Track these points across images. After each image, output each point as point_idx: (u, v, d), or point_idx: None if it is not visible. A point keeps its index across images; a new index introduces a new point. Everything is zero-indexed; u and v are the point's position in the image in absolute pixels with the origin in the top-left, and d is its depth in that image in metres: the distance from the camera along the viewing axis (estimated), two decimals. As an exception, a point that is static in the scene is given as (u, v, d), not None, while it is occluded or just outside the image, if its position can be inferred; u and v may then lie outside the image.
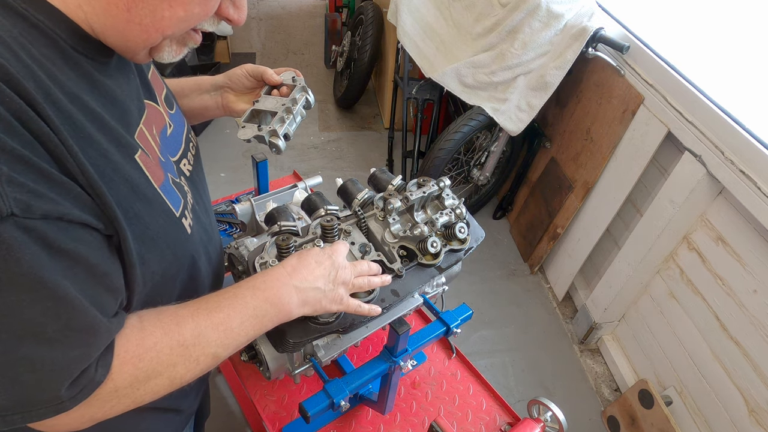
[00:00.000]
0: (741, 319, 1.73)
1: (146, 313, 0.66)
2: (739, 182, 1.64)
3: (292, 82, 1.00)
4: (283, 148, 0.93)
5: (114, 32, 0.60)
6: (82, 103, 0.57)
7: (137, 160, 0.64)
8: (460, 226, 1.04)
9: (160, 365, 0.63)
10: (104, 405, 0.61)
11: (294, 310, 0.77)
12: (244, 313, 0.71)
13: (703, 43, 2.13)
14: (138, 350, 0.62)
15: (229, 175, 3.15)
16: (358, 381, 1.00)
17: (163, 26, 0.60)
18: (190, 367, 0.66)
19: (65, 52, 0.57)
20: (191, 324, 0.66)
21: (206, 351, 0.67)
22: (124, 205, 0.59)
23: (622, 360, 2.30)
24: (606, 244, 2.40)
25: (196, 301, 0.70)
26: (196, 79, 1.04)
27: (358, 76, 3.48)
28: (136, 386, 0.62)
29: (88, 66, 0.60)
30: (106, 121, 0.60)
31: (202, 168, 0.93)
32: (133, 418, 0.80)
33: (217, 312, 0.69)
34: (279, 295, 0.75)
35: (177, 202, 0.72)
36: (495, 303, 2.60)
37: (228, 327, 0.69)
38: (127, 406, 0.64)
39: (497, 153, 2.65)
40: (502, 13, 2.39)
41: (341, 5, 4.48)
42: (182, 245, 0.72)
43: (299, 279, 0.78)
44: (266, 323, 0.75)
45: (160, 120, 0.78)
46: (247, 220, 1.28)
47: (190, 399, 0.94)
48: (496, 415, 1.24)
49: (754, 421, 1.68)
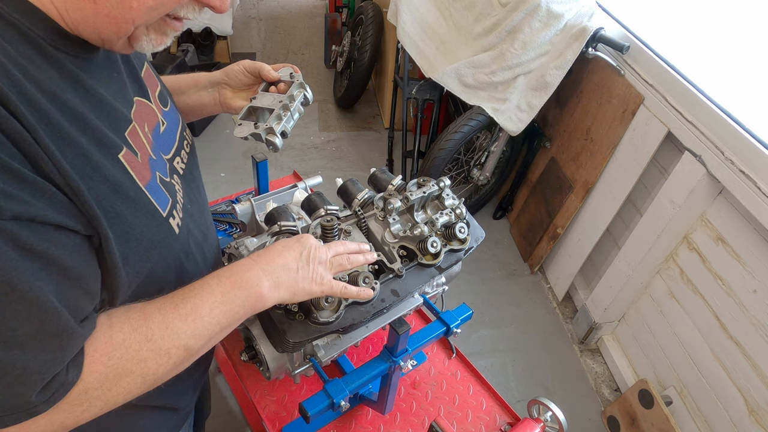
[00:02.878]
0: (741, 319, 1.73)
1: (115, 311, 0.64)
2: (739, 182, 1.64)
3: (289, 78, 0.98)
4: (280, 146, 0.91)
5: (86, 25, 0.59)
6: (62, 102, 0.56)
7: (121, 160, 0.63)
8: (460, 226, 1.04)
9: (130, 362, 0.62)
10: (75, 409, 0.59)
11: (266, 293, 0.75)
12: (212, 300, 0.70)
13: (704, 43, 2.13)
14: (107, 348, 0.60)
15: (229, 175, 3.15)
16: (358, 381, 1.00)
17: (132, 16, 0.59)
18: (162, 361, 0.65)
19: (45, 50, 0.57)
20: (158, 317, 0.65)
21: (176, 343, 0.65)
22: (104, 205, 0.59)
23: (622, 360, 2.30)
24: (606, 244, 2.40)
25: (165, 296, 0.69)
26: (193, 75, 1.03)
27: (358, 76, 3.48)
28: (107, 386, 0.61)
29: (70, 64, 0.59)
30: (88, 120, 0.59)
31: (197, 166, 0.92)
32: (130, 416, 0.80)
33: (184, 303, 0.68)
34: (245, 278, 0.73)
35: (164, 201, 0.71)
36: (495, 303, 2.60)
37: (197, 316, 0.68)
38: (99, 410, 0.62)
39: (497, 153, 2.66)
40: (502, 13, 2.39)
41: (341, 5, 4.48)
42: (169, 245, 0.71)
43: (266, 262, 0.77)
44: (237, 309, 0.72)
45: (153, 117, 0.77)
46: (247, 220, 1.28)
47: (188, 397, 0.93)
48: (496, 415, 1.24)
49: (754, 421, 1.68)
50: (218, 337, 0.72)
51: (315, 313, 0.87)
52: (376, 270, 1.00)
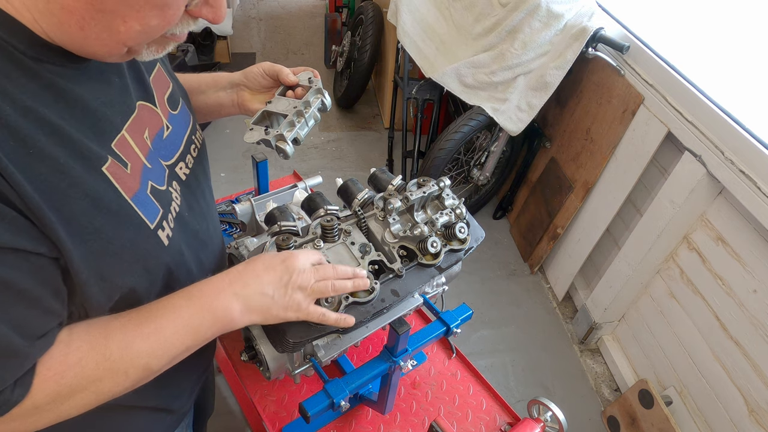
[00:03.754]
0: (741, 319, 1.73)
1: (76, 326, 0.64)
2: (739, 182, 1.64)
3: (308, 83, 0.95)
4: (291, 154, 0.88)
5: (75, 46, 0.58)
6: (37, 116, 0.54)
7: (105, 172, 0.61)
8: (460, 226, 1.04)
9: (84, 380, 0.62)
10: (25, 421, 0.60)
11: (237, 317, 0.73)
12: (178, 323, 0.68)
13: (704, 42, 2.13)
14: (61, 367, 0.60)
15: (229, 175, 3.15)
16: (358, 381, 1.00)
17: (122, 39, 0.57)
18: (119, 381, 0.64)
19: (22, 63, 0.54)
20: (119, 336, 0.64)
21: (136, 363, 0.65)
22: (82, 221, 0.57)
23: (622, 360, 2.30)
24: (606, 244, 2.40)
25: (131, 311, 0.67)
26: (213, 75, 1.03)
27: (358, 76, 3.48)
28: (58, 402, 0.61)
29: (50, 76, 0.57)
30: (67, 133, 0.57)
31: (204, 170, 0.90)
32: (121, 416, 0.79)
33: (149, 323, 0.66)
34: (215, 304, 0.71)
35: (154, 212, 0.69)
36: (495, 303, 2.60)
37: (159, 337, 0.66)
38: (51, 420, 0.62)
39: (497, 153, 2.66)
40: (502, 13, 2.39)
41: (341, 5, 4.48)
42: (156, 257, 0.69)
43: (240, 285, 0.74)
44: (204, 331, 0.71)
45: (156, 122, 0.75)
46: (247, 220, 1.28)
47: (183, 399, 0.92)
48: (496, 415, 1.24)
49: (754, 421, 1.68)
50: (182, 356, 0.71)
51: (315, 313, 0.87)
52: (376, 270, 1.00)
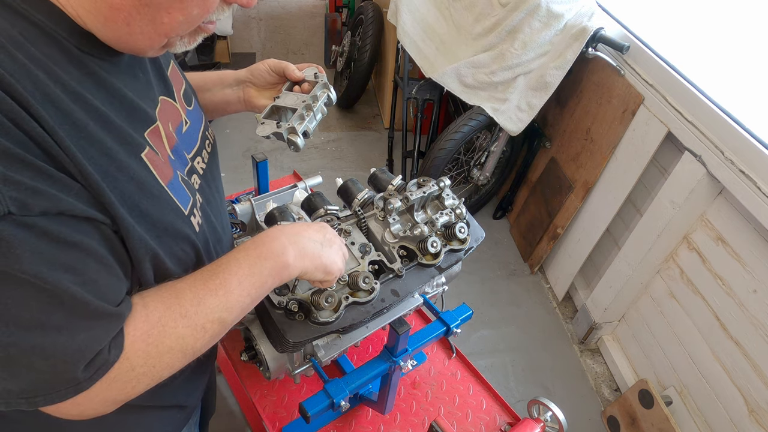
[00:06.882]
0: (741, 319, 1.73)
1: (146, 292, 0.67)
2: (739, 182, 1.64)
3: (314, 78, 0.99)
4: (301, 146, 0.92)
5: (119, 42, 0.61)
6: (86, 102, 0.57)
7: (144, 159, 0.64)
8: (460, 226, 1.04)
9: (169, 338, 0.64)
10: (125, 386, 0.62)
11: (292, 261, 0.76)
12: (240, 273, 0.71)
13: (704, 42, 2.13)
14: (145, 326, 0.63)
15: (229, 175, 3.15)
16: (358, 381, 1.00)
17: (165, 31, 0.60)
18: (198, 336, 0.67)
19: (69, 51, 0.57)
20: (189, 295, 0.67)
21: (211, 317, 0.68)
22: (129, 203, 0.60)
23: (622, 360, 2.30)
24: (606, 244, 2.40)
25: (193, 274, 0.71)
26: (219, 73, 1.04)
27: (358, 76, 3.48)
28: (151, 363, 0.63)
29: (93, 65, 0.60)
30: (111, 119, 0.60)
31: (217, 166, 0.93)
32: (135, 415, 0.81)
33: (213, 279, 0.69)
34: (271, 248, 0.75)
35: (186, 200, 0.72)
36: (495, 303, 2.60)
37: (227, 290, 0.69)
38: (147, 385, 0.65)
39: (497, 153, 2.66)
40: (502, 13, 2.39)
41: (341, 5, 4.48)
42: (191, 243, 0.73)
43: (292, 233, 0.79)
44: (264, 279, 0.74)
45: (176, 116, 0.78)
46: (247, 220, 1.28)
47: (194, 395, 0.93)
48: (496, 415, 1.24)
49: (754, 421, 1.68)
50: (249, 308, 0.74)
51: (315, 313, 0.87)
52: (376, 270, 1.00)
